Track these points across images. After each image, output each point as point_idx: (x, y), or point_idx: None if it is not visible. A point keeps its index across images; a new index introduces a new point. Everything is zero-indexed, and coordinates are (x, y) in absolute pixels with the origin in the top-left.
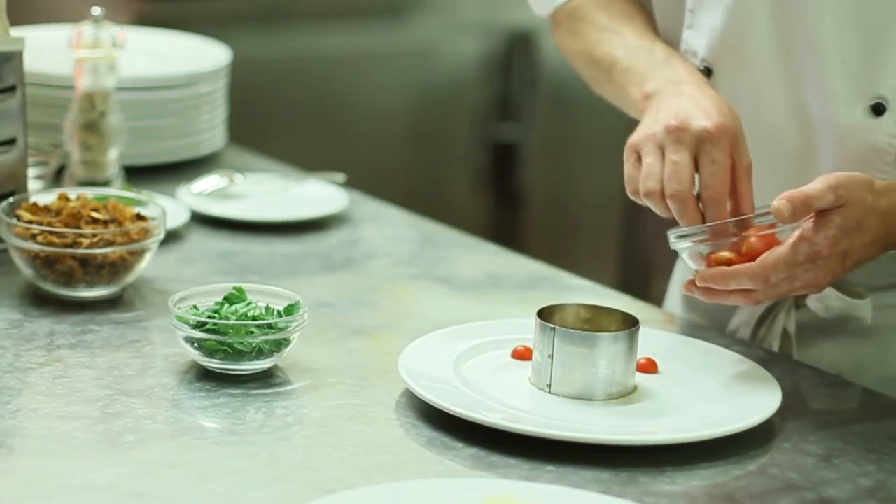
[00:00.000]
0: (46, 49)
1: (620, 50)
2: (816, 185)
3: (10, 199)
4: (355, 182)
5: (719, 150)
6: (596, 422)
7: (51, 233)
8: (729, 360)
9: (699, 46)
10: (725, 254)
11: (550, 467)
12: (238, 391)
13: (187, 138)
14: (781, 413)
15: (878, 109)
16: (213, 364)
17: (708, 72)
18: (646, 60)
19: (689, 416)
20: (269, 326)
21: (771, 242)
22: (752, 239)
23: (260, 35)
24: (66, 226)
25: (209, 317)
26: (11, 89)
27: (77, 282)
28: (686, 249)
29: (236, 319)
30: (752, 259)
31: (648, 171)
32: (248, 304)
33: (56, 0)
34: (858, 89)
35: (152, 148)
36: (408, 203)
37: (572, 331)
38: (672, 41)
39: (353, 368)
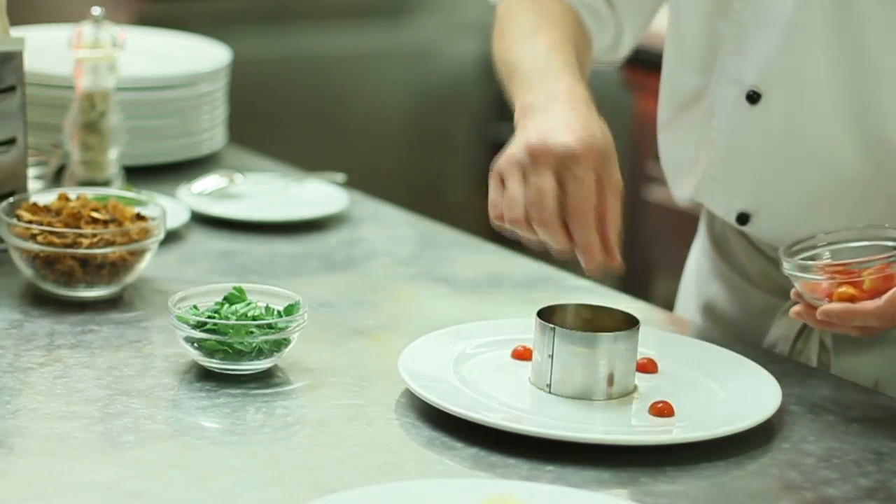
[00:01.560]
0: (46, 49)
1: (526, 56)
2: None
3: (10, 199)
4: (355, 182)
5: (583, 168)
6: (596, 422)
7: (51, 233)
8: (729, 360)
9: (746, 72)
10: (849, 290)
11: (550, 467)
12: (238, 391)
13: (187, 138)
14: (781, 413)
15: None
16: (213, 364)
17: (756, 97)
18: (539, 70)
19: (690, 416)
20: (269, 326)
21: (890, 278)
22: (873, 275)
23: (260, 35)
24: (66, 226)
25: (209, 317)
26: (11, 89)
27: (77, 282)
28: (800, 279)
29: (236, 319)
30: (874, 295)
31: (511, 198)
32: (248, 304)
33: (56, 0)
34: None
35: (152, 148)
36: (408, 203)
37: (572, 331)
38: (693, 67)
39: (353, 368)
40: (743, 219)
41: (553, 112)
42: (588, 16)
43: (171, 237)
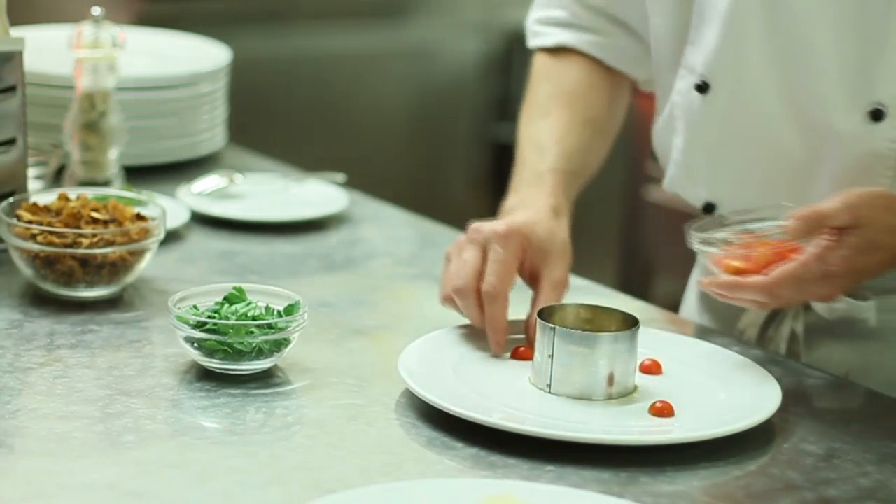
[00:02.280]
0: (46, 49)
1: (527, 140)
2: (833, 204)
3: (10, 199)
4: (355, 182)
5: (503, 249)
6: (596, 422)
7: (51, 233)
8: (729, 360)
9: (697, 62)
10: (735, 263)
11: (550, 467)
12: (238, 391)
13: (187, 138)
14: (781, 413)
15: (877, 115)
16: (213, 364)
17: (705, 87)
18: (529, 167)
19: (690, 416)
20: (269, 326)
21: (783, 254)
22: (764, 249)
23: (260, 35)
24: (66, 226)
25: (209, 317)
26: (11, 89)
27: (77, 282)
28: (703, 253)
29: (236, 319)
30: (763, 268)
31: (445, 277)
32: (248, 304)
33: (56, 0)
34: (856, 96)
35: (152, 148)
36: (408, 203)
37: (572, 331)
38: (670, 59)
39: (353, 368)
40: (709, 208)
41: (517, 214)
42: (620, 58)
43: (171, 237)
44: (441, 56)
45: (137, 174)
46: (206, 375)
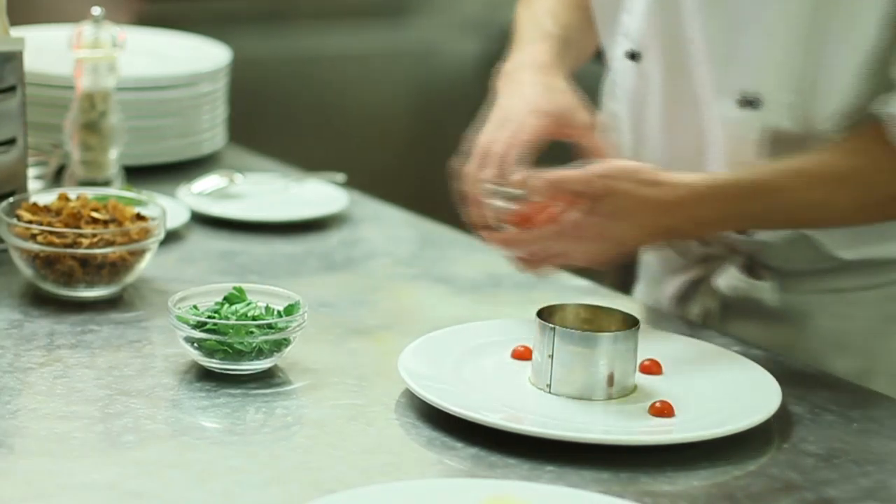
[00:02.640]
0: (46, 49)
1: (527, 17)
2: (582, 173)
3: (10, 199)
4: (355, 182)
5: (523, 132)
6: (596, 422)
7: (51, 233)
8: (729, 360)
9: (631, 31)
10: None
11: (550, 467)
12: (238, 391)
13: (187, 138)
14: (781, 413)
15: (747, 103)
16: (213, 364)
17: (636, 55)
18: (527, 35)
19: (689, 416)
20: (269, 326)
21: (553, 217)
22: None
23: (260, 35)
24: (66, 226)
25: (209, 317)
26: (11, 89)
27: (77, 282)
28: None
29: (236, 319)
30: (524, 224)
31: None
32: (248, 304)
33: (56, 0)
34: (728, 82)
35: (152, 148)
36: (408, 203)
37: (572, 331)
38: (610, 25)
39: (353, 368)
40: None
41: (516, 85)
42: None
43: (171, 237)
44: (441, 56)
45: (137, 174)
46: (206, 375)
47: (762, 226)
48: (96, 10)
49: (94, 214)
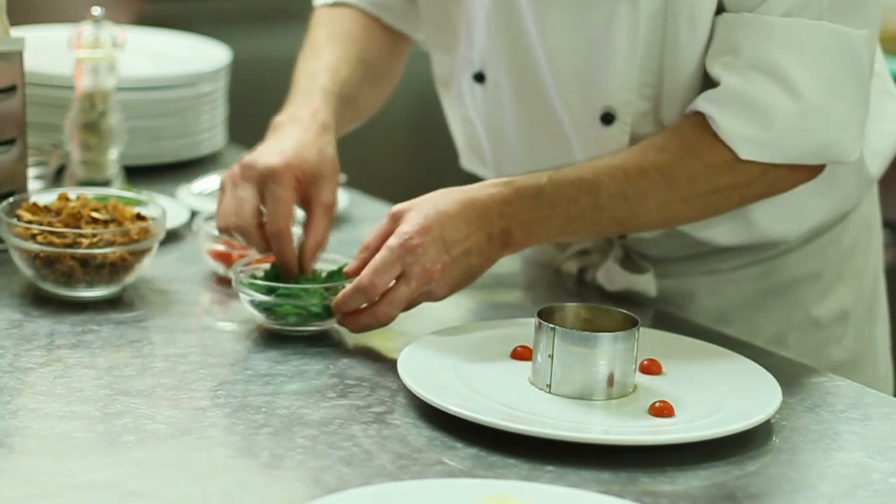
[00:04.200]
0: (46, 49)
1: (302, 73)
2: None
3: (10, 199)
4: (355, 182)
5: (280, 188)
6: (596, 422)
7: (51, 233)
8: (729, 361)
9: (475, 55)
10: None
11: (550, 467)
12: (239, 391)
13: (187, 138)
14: (781, 413)
15: (607, 119)
16: (287, 326)
17: (482, 77)
18: (301, 89)
19: (689, 416)
20: (331, 289)
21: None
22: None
23: (260, 35)
24: (66, 226)
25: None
26: (11, 89)
27: (77, 282)
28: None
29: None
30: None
31: (222, 208)
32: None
33: (56, 0)
34: (589, 99)
35: (152, 148)
36: None
37: (572, 331)
38: (448, 50)
39: (354, 368)
40: None
41: (286, 134)
42: (395, 18)
43: (171, 237)
44: None
45: (137, 174)
46: (206, 375)
47: (596, 227)
48: (96, 10)
49: (94, 214)
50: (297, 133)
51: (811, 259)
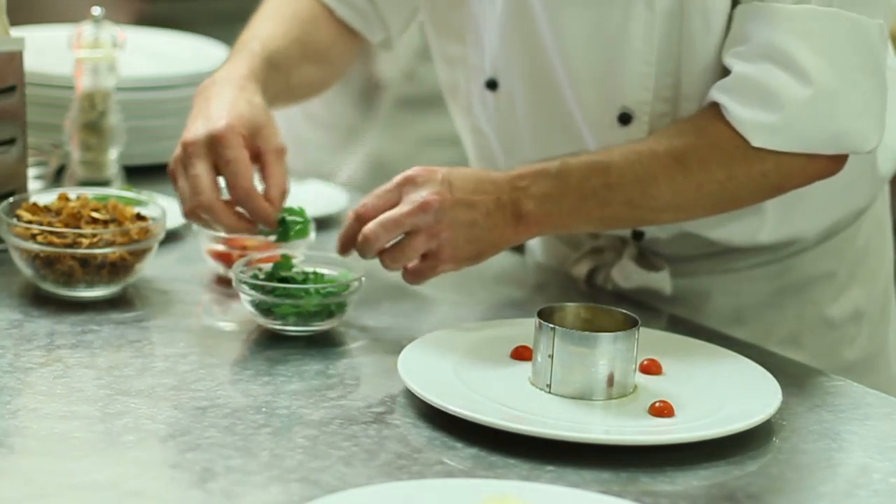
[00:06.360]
0: (46, 49)
1: (238, 42)
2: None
3: (10, 199)
4: (355, 182)
5: (232, 149)
6: (596, 422)
7: (51, 233)
8: (729, 360)
9: (486, 63)
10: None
11: (550, 467)
12: (239, 391)
13: None
14: (781, 413)
15: (625, 119)
16: (288, 327)
17: (494, 85)
18: (232, 56)
19: (690, 416)
20: (332, 292)
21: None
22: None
23: None
24: (66, 226)
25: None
26: (11, 89)
27: (77, 282)
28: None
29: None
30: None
31: (181, 192)
32: (301, 271)
33: (56, 0)
34: (606, 100)
35: (152, 148)
36: None
37: (572, 331)
38: (450, 57)
39: (354, 368)
40: None
41: (211, 97)
42: (351, 15)
43: (171, 237)
44: None
45: (137, 174)
46: (206, 375)
47: (609, 209)
48: (96, 10)
49: (94, 214)
50: (223, 92)
51: (826, 258)
